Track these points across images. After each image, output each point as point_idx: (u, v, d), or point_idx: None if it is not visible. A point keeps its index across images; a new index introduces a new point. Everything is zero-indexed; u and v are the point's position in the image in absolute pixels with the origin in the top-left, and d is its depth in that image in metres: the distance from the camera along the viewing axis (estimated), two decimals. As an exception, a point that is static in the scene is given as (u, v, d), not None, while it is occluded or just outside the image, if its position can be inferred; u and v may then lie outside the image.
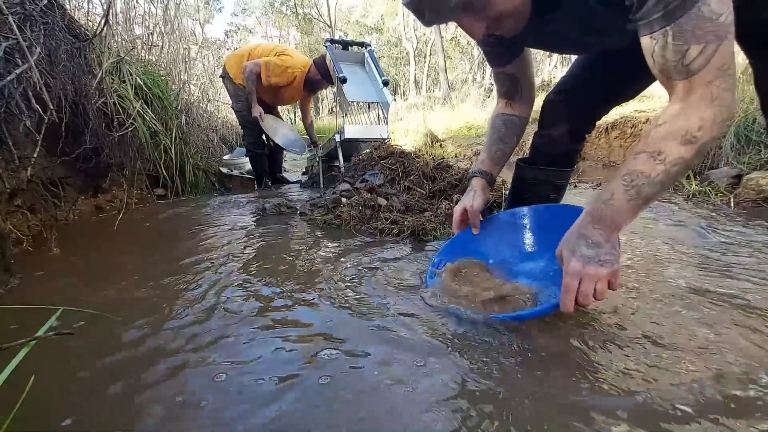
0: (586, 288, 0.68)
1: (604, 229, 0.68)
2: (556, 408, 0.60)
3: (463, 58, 15.20)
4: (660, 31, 0.60)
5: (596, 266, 0.67)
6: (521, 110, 1.07)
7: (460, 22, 0.70)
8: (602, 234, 0.68)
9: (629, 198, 0.66)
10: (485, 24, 0.69)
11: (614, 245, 0.68)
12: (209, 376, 0.70)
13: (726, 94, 0.59)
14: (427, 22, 0.69)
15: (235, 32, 21.06)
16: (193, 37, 5.02)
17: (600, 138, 3.82)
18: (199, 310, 0.96)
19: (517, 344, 0.77)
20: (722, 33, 0.56)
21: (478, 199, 1.05)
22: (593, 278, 0.67)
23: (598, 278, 0.67)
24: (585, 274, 0.68)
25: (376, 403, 0.62)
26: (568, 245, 0.71)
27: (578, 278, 0.68)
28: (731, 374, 0.66)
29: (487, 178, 1.08)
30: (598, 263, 0.67)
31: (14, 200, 1.55)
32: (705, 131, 0.60)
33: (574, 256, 0.69)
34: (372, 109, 2.91)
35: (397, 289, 1.06)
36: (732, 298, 0.94)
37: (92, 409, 0.63)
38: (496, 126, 1.08)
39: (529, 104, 1.08)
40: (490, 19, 0.68)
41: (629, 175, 0.66)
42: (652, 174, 0.64)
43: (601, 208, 0.69)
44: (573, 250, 0.70)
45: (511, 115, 1.07)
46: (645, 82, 1.00)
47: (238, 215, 2.16)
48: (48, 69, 1.61)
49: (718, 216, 1.73)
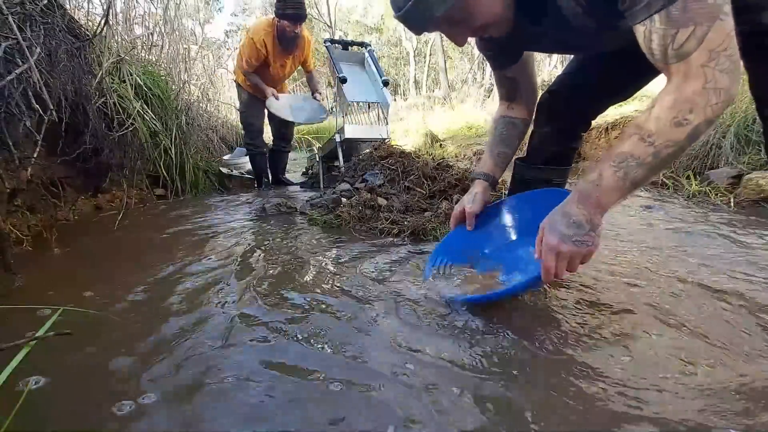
0: (560, 265, 0.71)
1: (587, 209, 0.69)
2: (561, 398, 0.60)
3: (463, 58, 15.19)
4: (648, 18, 0.60)
5: (571, 245, 0.70)
6: (522, 112, 1.08)
7: (444, 32, 0.75)
8: (585, 214, 0.69)
9: (617, 179, 0.66)
10: (468, 33, 0.74)
11: (594, 227, 0.70)
12: (209, 376, 0.70)
13: (723, 76, 0.58)
14: (415, 32, 0.77)
15: (235, 32, 21.04)
16: (193, 37, 5.01)
17: (600, 138, 3.82)
18: (199, 310, 0.96)
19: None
20: (714, 13, 0.56)
21: (477, 201, 1.07)
22: (566, 256, 0.70)
23: (571, 256, 0.70)
24: (560, 252, 0.70)
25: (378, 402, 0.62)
26: (550, 222, 0.74)
27: (554, 254, 0.71)
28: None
29: (489, 180, 1.09)
30: (574, 242, 0.70)
31: (14, 200, 1.55)
32: (698, 113, 0.60)
33: (552, 233, 0.72)
34: (372, 109, 2.91)
35: (397, 289, 1.06)
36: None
37: (92, 409, 0.63)
38: (497, 129, 1.09)
39: (531, 106, 1.09)
40: (474, 29, 0.74)
41: (618, 156, 0.66)
42: (642, 156, 0.64)
43: (587, 188, 0.70)
44: (553, 227, 0.72)
45: (513, 118, 1.08)
46: (641, 81, 1.01)
47: (238, 215, 2.16)
48: (48, 69, 1.61)
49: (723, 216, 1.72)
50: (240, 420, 0.60)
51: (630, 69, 0.95)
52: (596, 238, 0.70)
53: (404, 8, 0.69)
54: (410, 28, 0.75)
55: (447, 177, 1.99)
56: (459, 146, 4.76)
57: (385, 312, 0.93)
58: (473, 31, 0.74)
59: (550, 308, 0.93)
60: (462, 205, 1.08)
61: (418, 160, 2.17)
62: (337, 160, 2.76)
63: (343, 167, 2.58)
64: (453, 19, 0.70)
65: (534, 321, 0.87)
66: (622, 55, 0.81)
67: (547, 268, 0.72)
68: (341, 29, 19.78)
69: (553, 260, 0.71)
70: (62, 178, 1.88)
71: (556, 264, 0.71)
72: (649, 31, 0.61)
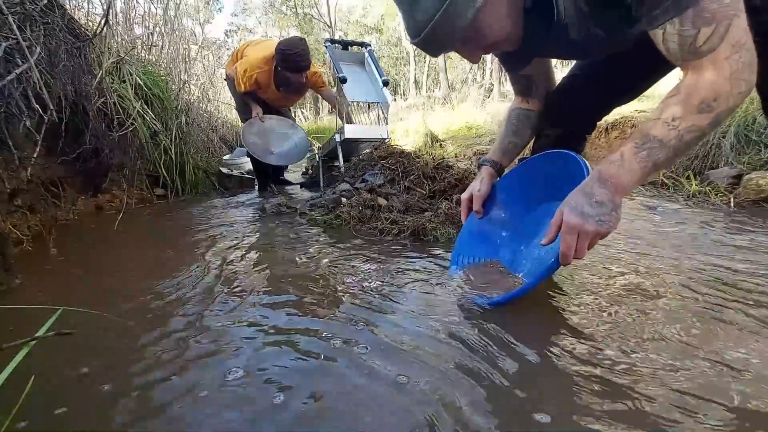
0: (581, 243, 0.70)
1: (608, 189, 0.70)
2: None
3: (462, 58, 15.20)
4: (669, 22, 0.62)
5: (595, 224, 0.69)
6: (538, 105, 1.09)
7: (458, 52, 0.78)
8: (607, 194, 0.70)
9: (639, 160, 0.67)
10: (481, 51, 0.77)
11: (616, 207, 0.70)
12: (210, 377, 0.70)
13: (745, 67, 0.61)
14: (432, 55, 0.79)
15: (235, 32, 21.04)
16: (193, 37, 5.01)
17: (600, 138, 3.82)
18: (200, 311, 0.96)
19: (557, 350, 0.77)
20: (731, 12, 0.59)
21: (484, 185, 1.08)
22: (589, 235, 0.70)
23: (593, 235, 0.70)
24: (582, 230, 0.70)
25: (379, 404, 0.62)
26: (572, 201, 0.73)
27: (576, 233, 0.70)
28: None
29: (496, 167, 1.10)
30: (598, 222, 0.69)
31: (14, 200, 1.55)
32: (721, 101, 0.62)
33: (574, 212, 0.71)
34: (372, 109, 2.91)
35: (397, 290, 1.06)
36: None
37: (92, 409, 0.63)
38: (510, 119, 1.11)
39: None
40: (486, 47, 0.76)
41: (641, 138, 0.68)
42: (665, 139, 0.65)
43: (609, 168, 0.70)
44: (575, 206, 0.72)
45: (527, 110, 1.09)
46: (648, 82, 1.01)
47: (239, 215, 2.16)
48: (48, 69, 1.61)
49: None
50: (239, 423, 0.60)
51: (636, 70, 0.95)
52: (617, 218, 0.71)
53: (423, 34, 0.69)
54: (428, 51, 0.76)
55: (447, 177, 1.99)
56: (459, 146, 4.76)
57: (385, 312, 0.93)
58: (486, 49, 0.77)
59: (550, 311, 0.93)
60: (470, 191, 1.09)
61: (418, 160, 2.17)
62: (337, 160, 2.76)
63: (343, 167, 2.58)
64: (466, 37, 0.71)
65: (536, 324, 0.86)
66: (628, 57, 0.82)
67: (566, 249, 0.71)
68: (341, 29, 19.78)
69: (573, 240, 0.70)
70: (62, 178, 1.88)
71: (577, 244, 0.70)
72: (669, 33, 0.63)
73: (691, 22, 0.60)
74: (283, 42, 2.69)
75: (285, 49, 2.63)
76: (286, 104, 3.31)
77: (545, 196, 1.01)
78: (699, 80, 0.63)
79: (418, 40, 0.72)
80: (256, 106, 2.96)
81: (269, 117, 3.05)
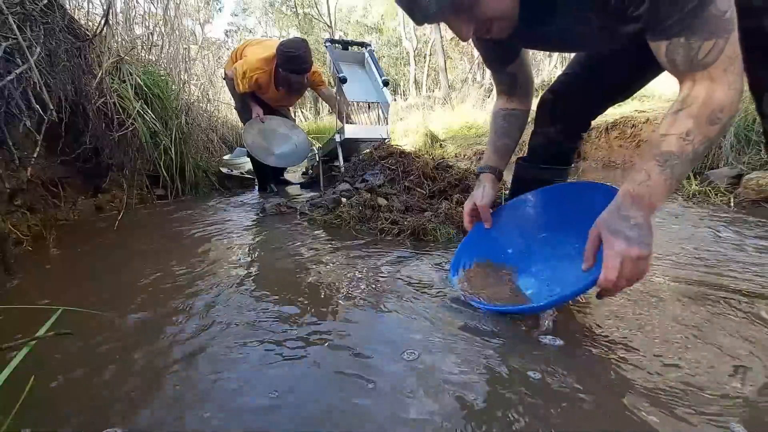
0: (629, 269, 0.68)
1: (643, 211, 0.70)
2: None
3: (463, 58, 15.19)
4: (674, 36, 0.65)
5: (639, 247, 0.68)
6: (521, 103, 1.08)
7: (448, 23, 0.73)
8: (643, 216, 0.69)
9: (665, 177, 0.68)
10: (473, 26, 0.72)
11: (650, 227, 0.69)
12: (210, 376, 0.70)
13: (738, 78, 0.66)
14: (417, 21, 0.72)
15: (235, 32, 21.04)
16: (193, 37, 5.02)
17: (600, 138, 3.83)
18: (200, 311, 0.96)
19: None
20: (729, 27, 0.63)
21: (487, 194, 1.06)
22: (635, 259, 0.68)
23: (639, 259, 0.68)
24: (628, 256, 0.67)
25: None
26: (610, 226, 0.71)
27: (620, 259, 0.68)
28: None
29: (495, 173, 1.09)
30: (641, 245, 0.68)
31: (14, 200, 1.55)
32: (726, 111, 0.66)
33: (618, 237, 0.69)
34: (372, 109, 2.91)
35: (397, 289, 1.06)
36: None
37: (92, 408, 0.63)
38: (498, 122, 1.10)
39: (529, 97, 1.09)
40: (479, 22, 0.72)
41: (662, 155, 0.69)
42: (683, 154, 0.67)
43: (639, 189, 0.70)
44: (616, 231, 0.70)
45: (513, 110, 1.08)
46: (643, 80, 1.01)
47: (239, 215, 2.16)
48: (48, 69, 1.61)
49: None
50: (239, 423, 0.60)
51: (631, 68, 0.95)
52: (653, 240, 0.69)
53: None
54: (412, 17, 0.71)
55: (447, 177, 1.99)
56: (459, 146, 4.76)
57: (385, 312, 0.93)
58: (478, 24, 0.72)
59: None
60: (473, 200, 1.07)
61: (418, 160, 2.17)
62: (337, 160, 2.76)
63: (343, 167, 2.58)
64: (459, 8, 0.69)
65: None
66: (622, 55, 0.82)
67: (611, 275, 0.68)
68: (341, 29, 19.79)
69: (618, 265, 0.67)
70: (62, 178, 1.88)
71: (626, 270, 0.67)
72: (675, 44, 0.66)
73: (696, 35, 0.63)
74: (285, 43, 2.69)
75: (287, 51, 2.62)
76: (286, 104, 3.30)
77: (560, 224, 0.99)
78: (706, 93, 0.66)
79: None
80: (257, 106, 2.94)
81: (270, 118, 3.03)
